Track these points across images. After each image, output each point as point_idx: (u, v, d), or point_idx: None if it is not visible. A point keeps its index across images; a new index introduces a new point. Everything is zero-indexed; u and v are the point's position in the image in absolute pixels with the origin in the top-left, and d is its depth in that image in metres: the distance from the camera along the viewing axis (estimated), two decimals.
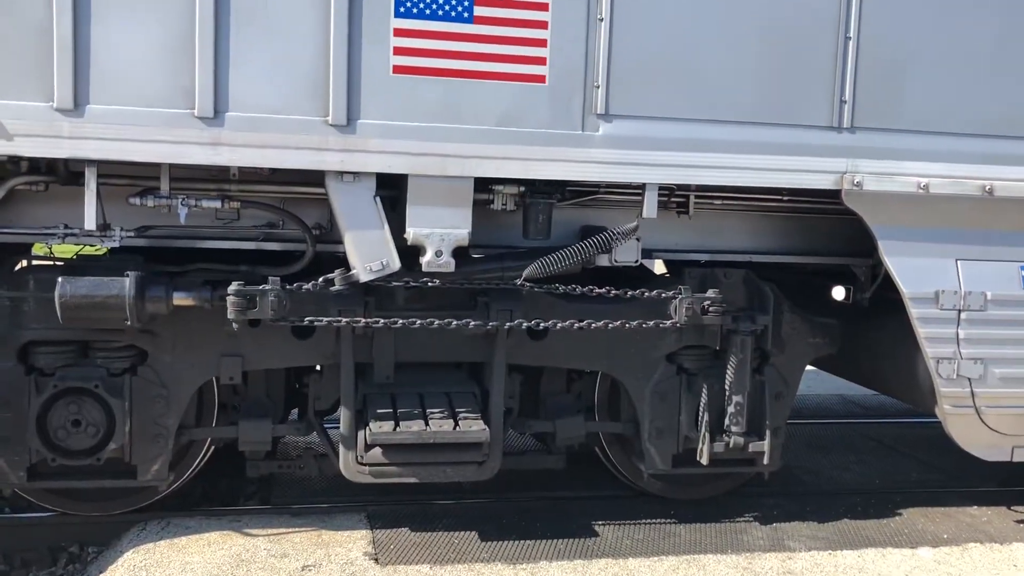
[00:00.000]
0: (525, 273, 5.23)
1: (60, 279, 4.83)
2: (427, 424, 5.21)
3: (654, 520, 5.95)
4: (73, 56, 4.50)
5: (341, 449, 5.39)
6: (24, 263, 5.28)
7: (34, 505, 5.58)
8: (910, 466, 7.44)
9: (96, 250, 5.48)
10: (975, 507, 6.48)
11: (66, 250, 5.36)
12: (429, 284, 5.16)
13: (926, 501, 6.50)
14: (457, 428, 5.21)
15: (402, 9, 4.78)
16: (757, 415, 5.82)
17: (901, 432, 8.38)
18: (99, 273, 4.91)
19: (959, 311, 5.53)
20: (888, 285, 5.62)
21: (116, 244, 4.98)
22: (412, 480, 5.29)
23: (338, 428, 5.41)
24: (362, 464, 5.30)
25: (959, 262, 5.56)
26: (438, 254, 5.00)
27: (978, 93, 5.44)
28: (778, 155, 5.25)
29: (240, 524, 5.55)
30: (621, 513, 6.01)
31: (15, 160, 4.76)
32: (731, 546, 5.62)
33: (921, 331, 5.52)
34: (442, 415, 5.30)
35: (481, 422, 5.30)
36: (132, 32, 4.56)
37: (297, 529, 5.52)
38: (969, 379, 5.60)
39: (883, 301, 5.91)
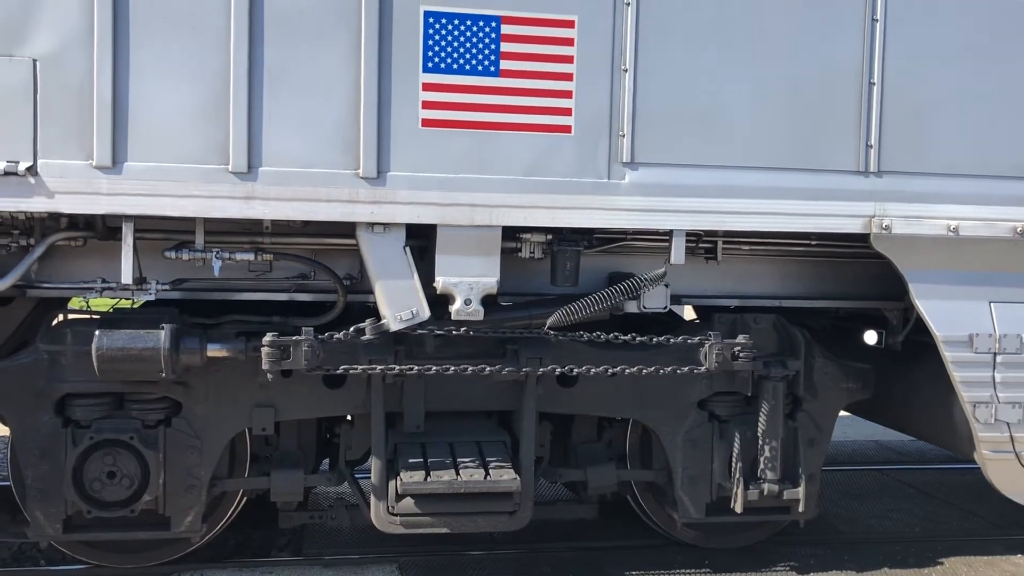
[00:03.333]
0: (550, 320, 5.24)
1: (97, 332, 4.92)
2: (458, 473, 5.20)
3: (688, 570, 5.86)
4: (112, 116, 4.64)
5: (372, 499, 5.38)
6: (60, 317, 5.39)
7: (68, 558, 5.61)
8: (950, 513, 7.28)
9: (132, 303, 5.59)
10: (1019, 555, 6.32)
11: (102, 304, 5.46)
12: (454, 333, 5.18)
13: (968, 549, 6.36)
14: (488, 477, 5.19)
15: (430, 64, 4.89)
16: (791, 462, 5.75)
17: (940, 478, 8.22)
18: (135, 326, 4.99)
19: (994, 354, 5.46)
20: (921, 328, 5.56)
21: (152, 297, 5.08)
22: (443, 530, 5.26)
23: (369, 478, 5.41)
24: (393, 514, 5.28)
25: (993, 304, 5.50)
26: (467, 302, 5.04)
27: (1007, 134, 5.43)
28: (805, 200, 5.26)
29: (272, 575, 5.55)
30: (655, 563, 5.93)
31: (55, 217, 4.89)
32: None
33: (956, 375, 5.45)
34: (473, 464, 5.29)
35: (512, 471, 5.28)
36: (169, 92, 4.70)
37: None
38: (1008, 423, 5.50)
39: (916, 345, 5.85)
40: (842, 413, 6.20)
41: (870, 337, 6.15)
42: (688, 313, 6.81)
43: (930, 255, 5.40)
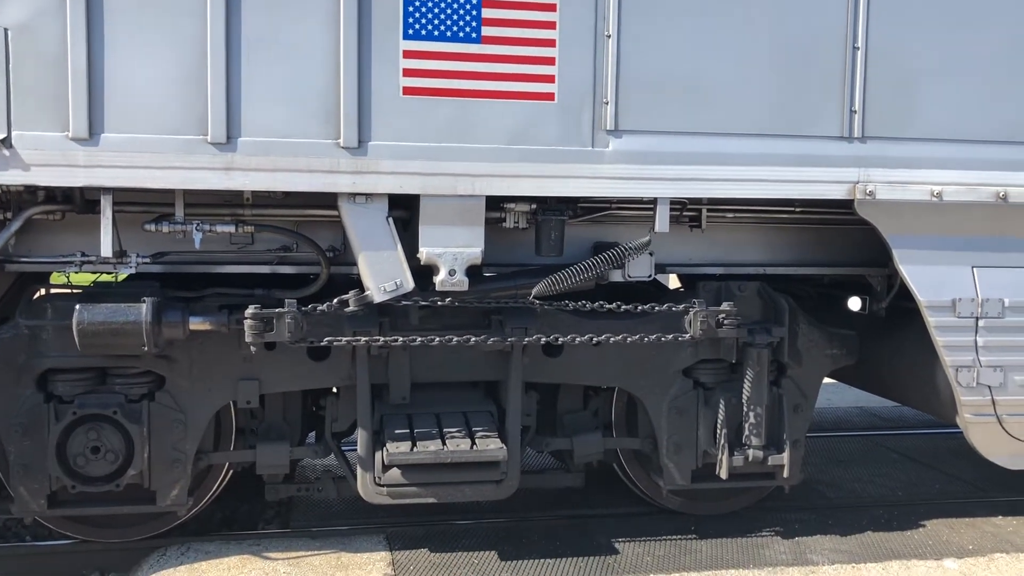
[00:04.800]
0: (535, 290, 5.23)
1: (78, 307, 4.87)
2: (444, 444, 5.20)
3: (675, 536, 5.91)
4: (87, 86, 4.56)
5: (359, 471, 5.38)
6: (42, 291, 5.33)
7: (55, 533, 5.60)
8: (933, 477, 7.36)
9: (113, 277, 5.53)
10: (999, 517, 6.40)
11: (83, 278, 5.41)
12: (439, 303, 5.16)
13: (950, 512, 6.43)
14: (474, 447, 5.20)
15: (410, 31, 4.82)
16: (776, 428, 5.79)
17: (922, 443, 8.30)
18: (116, 300, 4.95)
19: (977, 319, 5.49)
20: (904, 294, 5.59)
21: (132, 271, 5.02)
22: (431, 500, 5.28)
23: (356, 450, 5.41)
24: (380, 485, 5.29)
25: (975, 269, 5.53)
26: (451, 273, 5.01)
27: (990, 100, 5.42)
28: (789, 166, 5.25)
29: (260, 548, 5.55)
30: (642, 530, 5.97)
31: (32, 190, 4.82)
32: (753, 561, 5.58)
33: (939, 340, 5.48)
34: (459, 434, 5.29)
35: (498, 440, 5.29)
36: (145, 61, 4.62)
37: (316, 552, 5.52)
38: (989, 387, 5.55)
39: (900, 310, 5.88)
40: (826, 380, 6.24)
41: (854, 303, 6.17)
42: (673, 282, 6.82)
43: (914, 220, 5.41)
